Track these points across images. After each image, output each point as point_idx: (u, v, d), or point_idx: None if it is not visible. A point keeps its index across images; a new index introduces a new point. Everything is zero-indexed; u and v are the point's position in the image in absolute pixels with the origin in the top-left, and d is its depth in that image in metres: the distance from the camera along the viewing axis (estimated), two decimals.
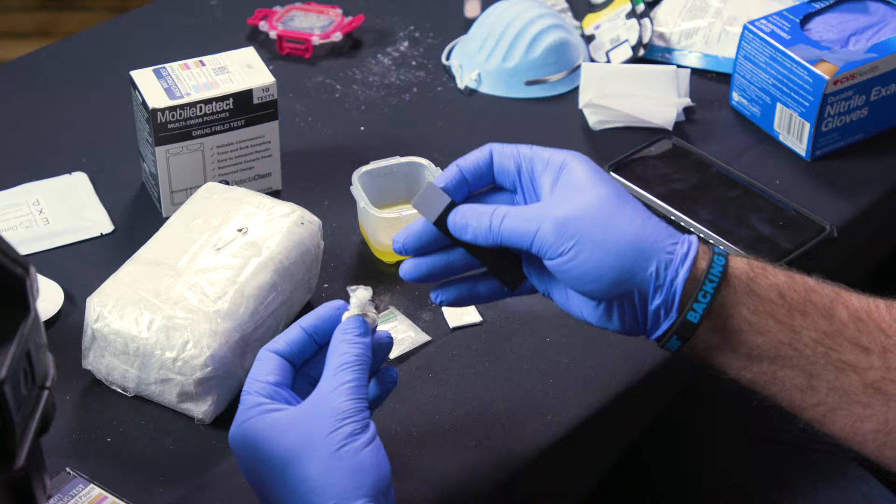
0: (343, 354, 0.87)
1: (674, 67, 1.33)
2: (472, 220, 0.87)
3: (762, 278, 0.86)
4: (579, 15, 1.45)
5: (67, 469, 0.95)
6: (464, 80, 1.37)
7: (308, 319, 0.90)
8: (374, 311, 0.90)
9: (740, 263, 0.87)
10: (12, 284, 0.71)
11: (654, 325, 0.87)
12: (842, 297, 0.87)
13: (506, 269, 0.91)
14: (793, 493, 1.14)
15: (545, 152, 0.89)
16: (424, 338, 1.07)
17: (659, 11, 1.42)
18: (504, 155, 0.90)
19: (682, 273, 0.85)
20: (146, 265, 1.02)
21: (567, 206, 0.85)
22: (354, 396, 0.85)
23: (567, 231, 0.85)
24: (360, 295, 0.90)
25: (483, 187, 0.91)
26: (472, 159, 0.90)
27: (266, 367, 0.89)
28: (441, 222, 0.89)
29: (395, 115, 1.33)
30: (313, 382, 0.91)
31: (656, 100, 1.31)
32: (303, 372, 0.91)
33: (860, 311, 0.87)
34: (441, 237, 0.90)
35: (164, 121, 1.14)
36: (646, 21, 1.38)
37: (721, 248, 0.87)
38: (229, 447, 0.88)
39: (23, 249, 1.13)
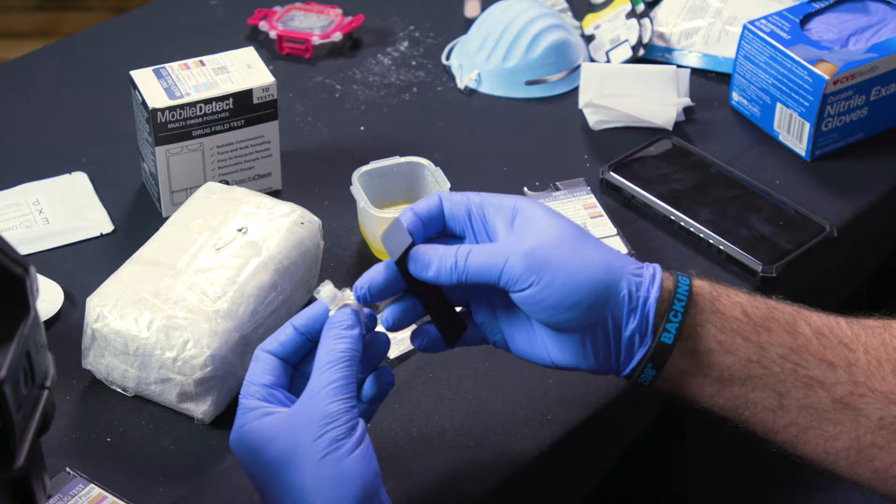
0: (328, 353, 0.86)
1: (674, 67, 1.33)
2: (435, 258, 0.87)
3: (725, 297, 0.88)
4: (579, 15, 1.45)
5: (67, 469, 0.95)
6: (464, 80, 1.37)
7: (300, 319, 0.90)
8: (353, 295, 0.89)
9: (703, 284, 0.88)
10: (12, 284, 0.71)
11: (628, 356, 0.87)
12: (803, 314, 0.88)
13: (449, 322, 0.91)
14: (792, 492, 1.15)
15: (494, 198, 0.90)
16: None
17: (659, 11, 1.42)
18: (454, 202, 0.90)
19: (654, 293, 0.86)
20: (146, 265, 1.02)
21: (531, 240, 0.86)
22: (339, 397, 0.84)
23: (536, 260, 0.85)
24: (325, 292, 0.89)
25: (434, 234, 0.91)
26: (423, 205, 0.90)
27: (261, 368, 0.88)
28: (402, 262, 0.88)
29: (395, 115, 1.33)
30: None
31: (656, 100, 1.31)
32: (301, 370, 0.90)
33: (822, 327, 0.88)
34: (400, 282, 0.90)
35: (164, 121, 1.14)
36: (646, 21, 1.38)
37: (681, 272, 0.89)
38: (229, 447, 0.88)
39: (23, 249, 1.13)
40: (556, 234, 0.86)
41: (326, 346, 0.86)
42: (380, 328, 0.91)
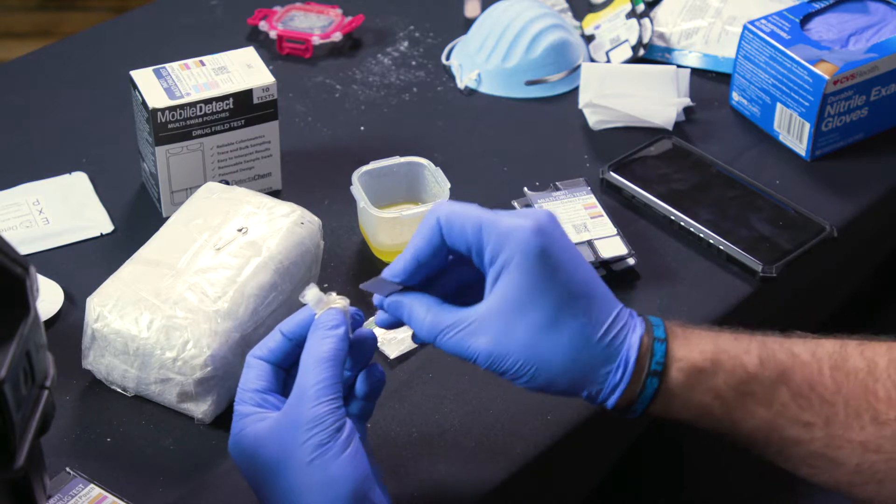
0: (312, 353, 0.86)
1: (674, 67, 1.33)
2: (416, 325, 0.89)
3: (699, 385, 0.87)
4: (579, 15, 1.45)
5: (67, 469, 0.95)
6: (464, 80, 1.37)
7: (287, 325, 0.89)
8: (338, 296, 0.89)
9: (679, 375, 0.87)
10: (12, 284, 0.71)
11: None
12: (786, 376, 0.87)
13: None
14: (791, 493, 1.14)
15: (498, 227, 0.86)
16: None
17: (659, 11, 1.42)
18: (453, 233, 0.88)
19: (613, 400, 0.87)
20: (146, 265, 1.02)
21: (498, 333, 0.86)
22: (324, 398, 0.84)
23: (499, 365, 0.86)
24: (311, 296, 0.89)
25: (440, 266, 0.90)
26: (424, 235, 0.88)
27: (253, 374, 0.89)
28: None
29: (395, 115, 1.33)
30: None
31: (656, 100, 1.31)
32: (293, 374, 0.90)
33: (802, 386, 0.87)
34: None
35: (164, 121, 1.14)
36: (646, 21, 1.38)
37: (658, 360, 0.87)
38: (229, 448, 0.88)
39: (23, 249, 1.13)
40: (525, 329, 0.85)
41: (310, 347, 0.86)
42: (367, 326, 0.91)
